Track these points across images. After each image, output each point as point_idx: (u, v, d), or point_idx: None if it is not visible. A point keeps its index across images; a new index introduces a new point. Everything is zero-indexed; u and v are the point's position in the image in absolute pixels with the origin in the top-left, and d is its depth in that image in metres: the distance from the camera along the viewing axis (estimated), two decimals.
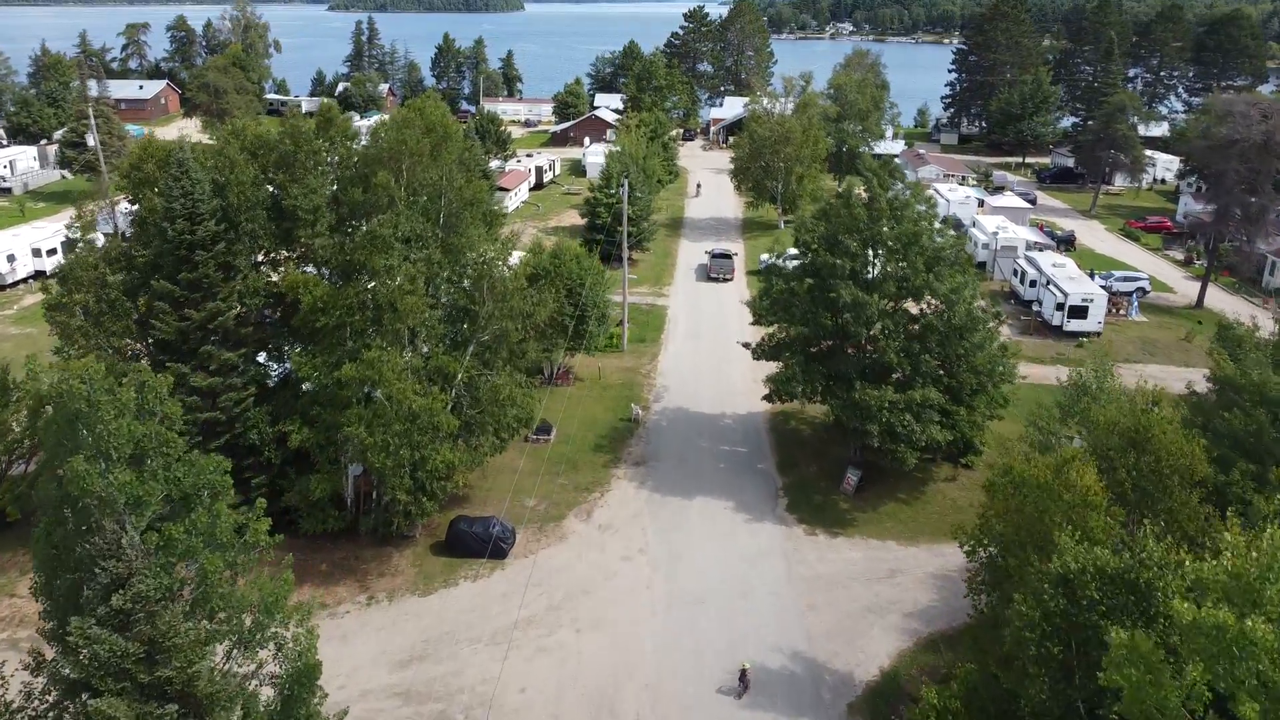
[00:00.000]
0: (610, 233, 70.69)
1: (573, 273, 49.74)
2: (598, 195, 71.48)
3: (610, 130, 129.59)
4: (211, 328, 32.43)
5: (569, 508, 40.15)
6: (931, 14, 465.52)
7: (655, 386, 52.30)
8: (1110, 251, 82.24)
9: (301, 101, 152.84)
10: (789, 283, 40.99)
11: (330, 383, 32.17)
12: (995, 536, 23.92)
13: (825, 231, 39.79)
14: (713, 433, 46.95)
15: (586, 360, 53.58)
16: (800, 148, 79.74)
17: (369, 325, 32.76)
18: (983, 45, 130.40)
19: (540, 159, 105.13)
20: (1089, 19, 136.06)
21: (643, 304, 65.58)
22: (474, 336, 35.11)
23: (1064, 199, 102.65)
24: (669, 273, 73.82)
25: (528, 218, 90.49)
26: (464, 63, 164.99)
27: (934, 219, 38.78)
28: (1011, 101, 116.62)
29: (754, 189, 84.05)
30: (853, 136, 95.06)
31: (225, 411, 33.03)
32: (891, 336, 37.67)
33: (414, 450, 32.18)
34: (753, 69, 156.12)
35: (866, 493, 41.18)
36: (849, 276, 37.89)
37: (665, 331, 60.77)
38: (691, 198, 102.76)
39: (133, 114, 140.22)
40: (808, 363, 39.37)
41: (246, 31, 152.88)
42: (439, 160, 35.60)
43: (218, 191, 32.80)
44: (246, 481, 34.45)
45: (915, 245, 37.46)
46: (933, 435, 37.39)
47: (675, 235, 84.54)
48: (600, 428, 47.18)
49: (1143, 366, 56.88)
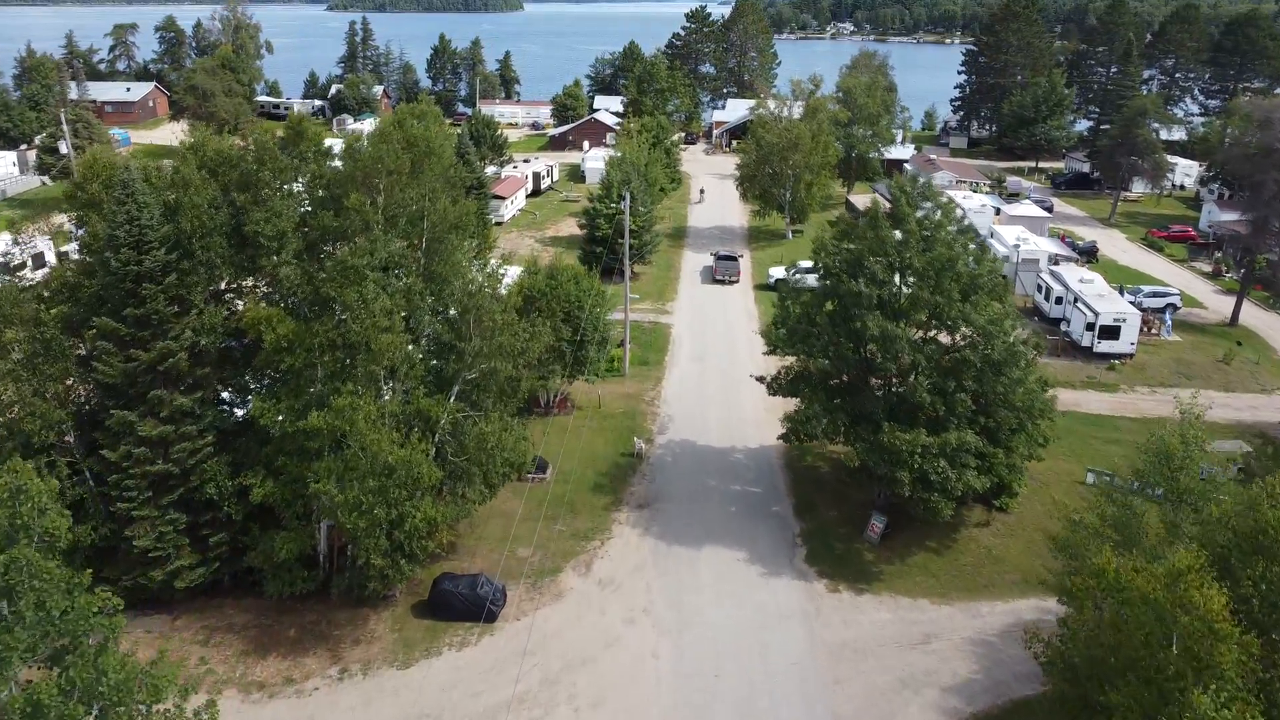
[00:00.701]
0: (611, 246, 67.01)
1: (570, 295, 46.04)
2: (597, 206, 67.79)
3: (610, 134, 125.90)
4: (162, 369, 28.71)
5: (566, 559, 36.45)
6: (933, 14, 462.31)
7: (659, 415, 48.59)
8: (1133, 263, 78.56)
9: (294, 104, 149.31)
10: (807, 309, 37.26)
11: (296, 431, 28.47)
12: (1084, 657, 19.92)
13: (849, 255, 36.08)
14: (722, 470, 43.25)
15: (585, 387, 49.86)
16: (809, 154, 76.03)
17: (340, 366, 29.07)
18: (993, 46, 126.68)
19: (538, 164, 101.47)
20: (1101, 19, 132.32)
21: (645, 322, 61.87)
22: (459, 374, 31.41)
23: (1081, 206, 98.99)
24: (672, 286, 70.11)
25: (524, 227, 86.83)
26: (460, 64, 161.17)
27: (969, 242, 35.05)
28: (1024, 104, 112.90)
29: (761, 197, 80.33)
30: (862, 142, 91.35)
31: (178, 463, 29.34)
32: (922, 372, 33.96)
33: (391, 508, 28.49)
34: (756, 70, 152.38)
35: (893, 540, 37.50)
36: (876, 306, 34.18)
37: (669, 353, 57.05)
38: (695, 204, 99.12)
39: (119, 117, 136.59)
40: (829, 400, 35.64)
41: (237, 32, 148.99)
42: (421, 179, 31.90)
43: (169, 216, 29.09)
44: (204, 540, 30.82)
45: (949, 272, 33.74)
46: (969, 482, 33.69)
47: (678, 245, 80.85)
48: (600, 463, 43.48)
49: (1180, 391, 53.20)
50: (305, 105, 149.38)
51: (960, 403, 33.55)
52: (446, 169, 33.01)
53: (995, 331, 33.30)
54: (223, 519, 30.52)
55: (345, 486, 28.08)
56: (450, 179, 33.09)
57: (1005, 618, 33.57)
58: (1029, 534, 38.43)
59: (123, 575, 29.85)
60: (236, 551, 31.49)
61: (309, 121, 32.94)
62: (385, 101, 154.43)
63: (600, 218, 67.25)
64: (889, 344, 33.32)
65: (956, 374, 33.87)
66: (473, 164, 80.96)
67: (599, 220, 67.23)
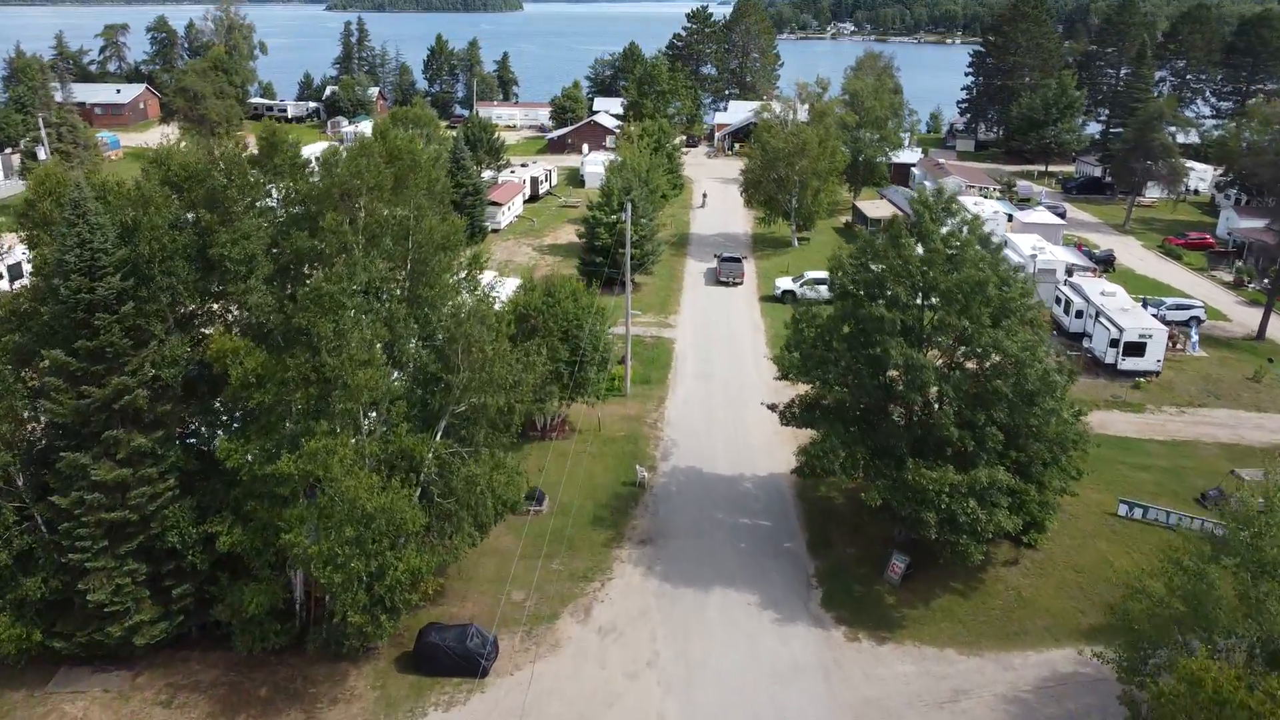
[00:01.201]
0: (611, 256, 64.40)
1: (569, 312, 43.42)
2: (597, 214, 65.14)
3: (610, 136, 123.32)
4: (118, 407, 26.06)
5: (564, 603, 33.80)
6: (934, 13, 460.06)
7: (662, 440, 45.94)
8: (1151, 272, 75.94)
9: (288, 106, 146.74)
10: (822, 332, 34.60)
11: (266, 475, 25.82)
12: None
13: (869, 276, 33.43)
14: (730, 500, 40.60)
15: (585, 409, 47.19)
16: (817, 160, 73.37)
17: (315, 403, 26.42)
18: (1001, 47, 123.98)
19: (536, 168, 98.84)
20: (1110, 20, 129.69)
21: (647, 337, 59.22)
22: (447, 408, 28.76)
23: (1093, 211, 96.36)
24: (674, 298, 67.46)
25: (522, 234, 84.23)
26: (458, 65, 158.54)
27: (1000, 262, 32.40)
28: (1034, 107, 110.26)
29: (766, 203, 77.66)
30: (869, 146, 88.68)
31: (137, 509, 26.67)
32: (949, 403, 31.33)
33: (370, 559, 25.85)
34: (758, 72, 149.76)
35: (915, 581, 34.84)
36: (899, 331, 31.54)
37: (673, 370, 54.39)
38: (697, 208, 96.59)
39: (110, 120, 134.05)
40: (847, 432, 32.99)
41: (230, 33, 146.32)
42: (404, 195, 29.25)
43: (127, 238, 26.44)
44: (167, 592, 28.17)
45: (979, 295, 31.10)
46: (1000, 523, 31.07)
47: (680, 254, 78.18)
48: (600, 493, 40.84)
49: (1209, 411, 50.66)
50: (299, 107, 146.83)
51: (990, 436, 30.92)
52: (433, 183, 30.28)
53: (1029, 360, 30.64)
54: (187, 569, 27.86)
55: (319, 537, 25.44)
56: (437, 194, 30.35)
57: (1039, 670, 30.95)
58: (1060, 572, 35.82)
59: (77, 631, 27.23)
60: (203, 603, 28.85)
61: (284, 131, 30.20)
62: (381, 103, 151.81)
63: (600, 226, 64.62)
64: (914, 373, 30.70)
65: (986, 405, 31.23)
66: (468, 169, 78.37)
67: (599, 229, 64.59)
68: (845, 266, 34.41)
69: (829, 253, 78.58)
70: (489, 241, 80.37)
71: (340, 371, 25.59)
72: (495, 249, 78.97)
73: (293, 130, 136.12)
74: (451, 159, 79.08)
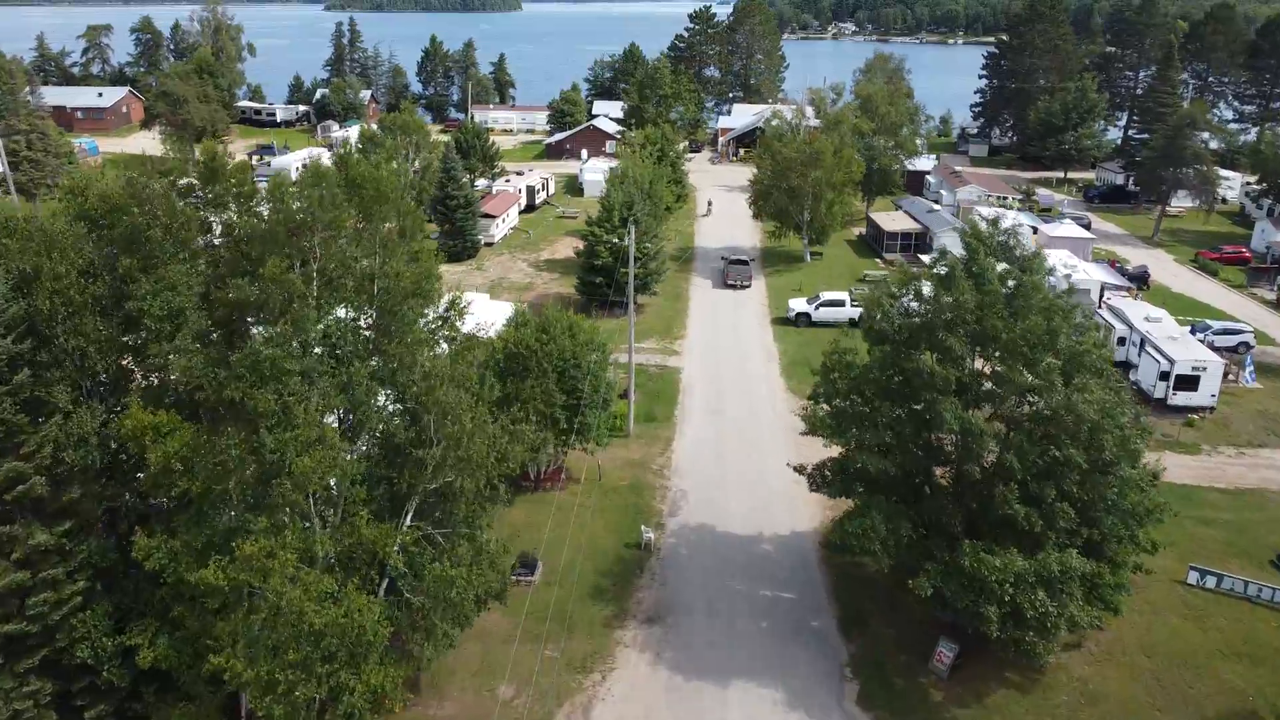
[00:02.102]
0: (614, 279, 59.73)
1: (565, 351, 38.69)
2: (597, 231, 60.36)
3: (610, 141, 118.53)
4: (10, 498, 21.32)
5: (559, 700, 29.06)
6: (935, 13, 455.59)
7: (670, 491, 41.19)
8: (1186, 289, 71.23)
9: (277, 110, 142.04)
10: (859, 382, 29.81)
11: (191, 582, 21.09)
12: None
13: (913, 321, 28.69)
14: (748, 566, 35.85)
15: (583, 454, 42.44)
16: (831, 170, 68.62)
17: (253, 492, 21.66)
18: (1017, 49, 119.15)
19: (532, 177, 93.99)
20: (1129, 20, 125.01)
21: (651, 365, 54.47)
22: (417, 488, 24.00)
23: (1118, 222, 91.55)
24: (680, 320, 62.68)
25: (517, 247, 79.46)
26: (453, 67, 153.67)
27: (1073, 308, 27.66)
28: (1053, 111, 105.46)
29: (776, 216, 72.89)
30: (885, 154, 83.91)
31: (38, 619, 21.93)
32: (1011, 474, 26.60)
33: (320, 683, 21.12)
34: (763, 74, 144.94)
35: (965, 672, 30.13)
36: (954, 390, 26.81)
37: (680, 405, 49.62)
38: (702, 216, 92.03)
39: (91, 124, 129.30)
40: (889, 503, 28.24)
41: (217, 34, 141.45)
42: (369, 234, 24.51)
43: (23, 290, 21.71)
44: (79, 713, 23.40)
45: (1049, 347, 26.39)
46: (1074, 616, 26.35)
47: (686, 270, 73.35)
48: (601, 558, 36.10)
49: (1271, 453, 45.96)
50: (289, 111, 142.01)
51: (1061, 513, 26.19)
52: (404, 216, 25.54)
53: (1109, 426, 25.92)
54: (103, 686, 23.10)
55: (257, 658, 20.69)
56: (409, 228, 25.59)
57: None
58: (1131, 657, 31.17)
59: None
60: None
61: (224, 154, 25.45)
62: (373, 107, 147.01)
63: (600, 245, 59.84)
64: (973, 443, 25.97)
65: (1055, 477, 26.49)
66: (459, 179, 73.61)
67: (599, 248, 59.82)
68: (884, 307, 29.64)
69: (843, 269, 74.56)
70: (481, 256, 75.68)
71: (283, 454, 20.83)
72: (488, 264, 74.31)
73: (281, 135, 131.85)
74: (442, 169, 74.41)
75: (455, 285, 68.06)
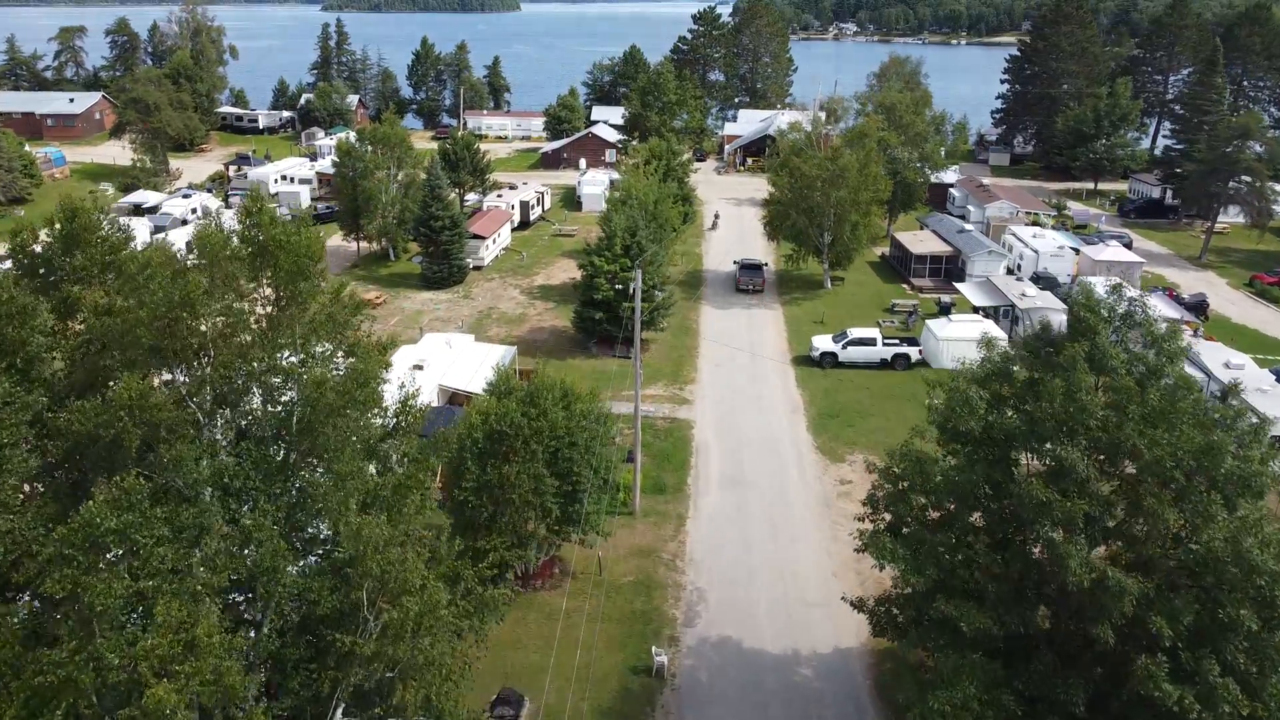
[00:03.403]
0: (613, 310, 52.97)
1: (558, 426, 31.83)
2: (596, 262, 53.49)
3: (610, 150, 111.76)
4: None
5: None
6: (938, 13, 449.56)
7: (685, 590, 34.30)
8: (1245, 319, 64.55)
9: (259, 116, 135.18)
10: (939, 497, 22.90)
11: None
12: None
13: (1010, 422, 21.81)
14: (785, 698, 28.98)
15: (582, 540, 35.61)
16: (858, 189, 61.77)
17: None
18: (1043, 52, 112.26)
19: (527, 191, 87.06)
20: (1159, 21, 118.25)
21: (658, 417, 47.63)
22: (345, 685, 17.10)
23: (1158, 239, 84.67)
24: (690, 359, 55.78)
25: (508, 271, 72.60)
26: (445, 70, 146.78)
27: (1239, 412, 20.76)
28: (1084, 118, 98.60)
29: (794, 238, 66.05)
30: (908, 167, 76.99)
31: None
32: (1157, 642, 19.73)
33: None
34: (770, 78, 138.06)
35: None
36: (1081, 526, 19.94)
37: (693, 470, 42.74)
38: (708, 229, 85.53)
39: (61, 132, 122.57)
40: (987, 664, 21.34)
41: (197, 36, 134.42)
42: (287, 318, 17.65)
43: None
44: None
45: (1209, 467, 19.54)
46: None
47: (694, 297, 66.51)
48: (603, 688, 29.24)
49: None
50: (272, 117, 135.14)
51: (1224, 693, 19.31)
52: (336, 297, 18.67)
53: None
54: None
55: None
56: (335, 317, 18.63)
57: None
58: None
59: None
60: None
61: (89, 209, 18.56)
62: (361, 112, 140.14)
63: (600, 277, 52.97)
64: (1108, 601, 19.12)
65: (1214, 642, 19.64)
66: (444, 198, 66.78)
67: (598, 280, 52.95)
68: (971, 402, 22.71)
69: (868, 296, 67.62)
70: (470, 282, 68.85)
71: (135, 673, 13.95)
72: (477, 291, 67.46)
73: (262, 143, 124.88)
74: (426, 185, 67.55)
75: (441, 319, 61.52)
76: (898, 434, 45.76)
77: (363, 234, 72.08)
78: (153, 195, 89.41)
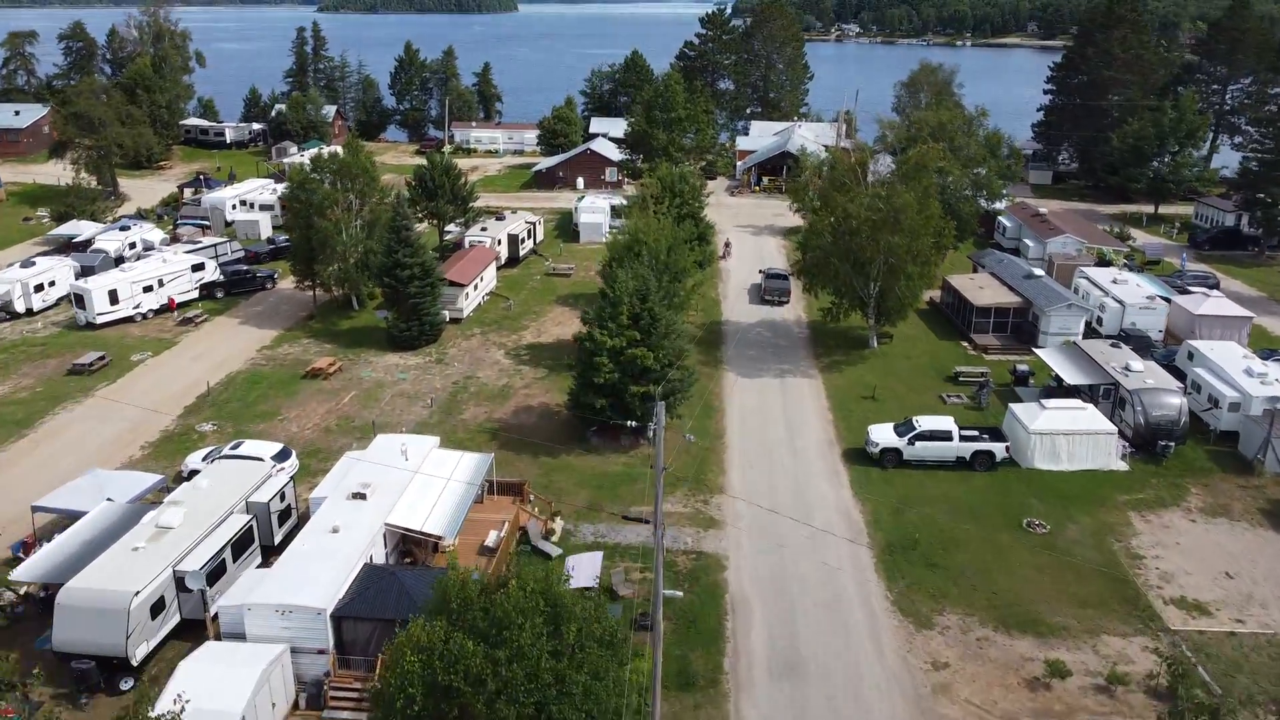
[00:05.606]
0: (617, 395, 41.78)
1: (544, 676, 20.48)
2: (597, 335, 42.17)
3: (610, 169, 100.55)
4: None
5: None
6: (942, 14, 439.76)
7: None
8: None
9: (226, 129, 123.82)
10: None
11: None
12: None
13: None
14: None
15: None
16: (917, 235, 50.41)
17: None
18: (1093, 59, 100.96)
19: (515, 222, 75.66)
20: (1219, 24, 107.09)
21: (679, 549, 36.34)
22: None
23: (1241, 277, 73.26)
24: (716, 454, 44.32)
25: (491, 324, 61.21)
26: (431, 78, 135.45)
27: None
28: (1144, 135, 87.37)
29: (837, 292, 54.74)
30: (960, 197, 65.75)
31: None
32: None
33: None
34: (784, 87, 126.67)
35: None
36: None
37: (730, 648, 31.13)
38: (720, 258, 75.07)
39: (5, 148, 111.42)
40: None
41: (159, 41, 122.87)
42: None
43: None
44: None
45: None
46: None
47: (714, 360, 55.00)
48: None
49: None
50: (240, 131, 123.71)
51: None
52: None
53: None
54: None
55: None
56: None
57: None
58: None
59: None
60: None
61: None
62: (339, 124, 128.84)
63: (602, 354, 41.71)
64: None
65: None
66: (412, 242, 55.44)
67: (599, 358, 41.69)
68: None
69: (924, 359, 55.83)
70: (445, 340, 57.50)
71: None
72: (452, 353, 56.12)
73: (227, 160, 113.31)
74: (391, 227, 56.18)
75: (406, 394, 50.09)
76: (996, 578, 34.60)
77: (318, 280, 60.76)
78: (88, 226, 78.07)
